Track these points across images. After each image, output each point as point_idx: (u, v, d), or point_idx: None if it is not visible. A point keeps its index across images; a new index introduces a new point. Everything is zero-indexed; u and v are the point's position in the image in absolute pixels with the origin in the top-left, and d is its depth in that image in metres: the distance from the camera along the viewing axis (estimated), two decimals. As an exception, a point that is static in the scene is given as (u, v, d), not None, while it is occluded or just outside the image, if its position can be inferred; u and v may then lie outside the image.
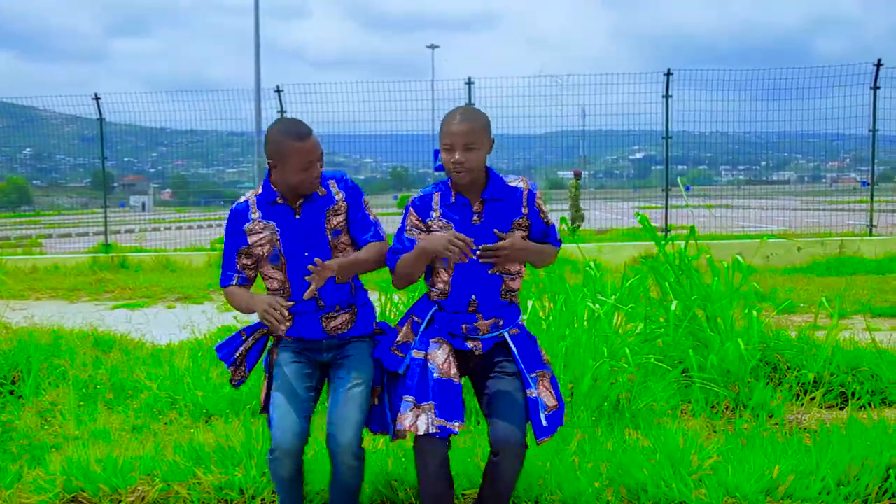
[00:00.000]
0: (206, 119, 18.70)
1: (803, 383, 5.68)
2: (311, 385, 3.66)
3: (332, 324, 3.69)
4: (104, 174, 18.59)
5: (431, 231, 3.58)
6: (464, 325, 3.63)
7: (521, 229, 3.63)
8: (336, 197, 3.65)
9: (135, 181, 31.08)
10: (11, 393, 5.92)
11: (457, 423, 3.41)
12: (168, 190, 29.18)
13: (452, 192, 3.57)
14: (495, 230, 3.54)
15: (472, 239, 3.40)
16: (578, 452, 4.43)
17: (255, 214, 3.63)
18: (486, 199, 3.57)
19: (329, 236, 3.63)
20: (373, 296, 6.12)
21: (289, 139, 3.47)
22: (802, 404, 5.49)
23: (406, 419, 3.43)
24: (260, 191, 3.64)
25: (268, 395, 3.73)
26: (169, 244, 18.97)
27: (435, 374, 3.49)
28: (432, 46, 57.22)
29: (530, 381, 3.58)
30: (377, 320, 3.88)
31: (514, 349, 3.63)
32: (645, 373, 5.47)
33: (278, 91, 17.25)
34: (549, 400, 3.61)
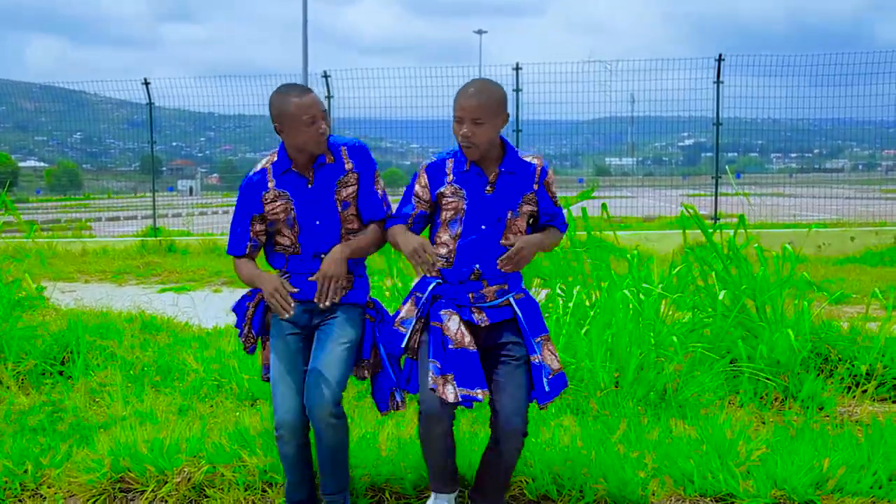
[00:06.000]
0: (254, 104, 18.83)
1: (855, 375, 5.58)
2: (306, 358, 3.68)
3: None
4: (153, 158, 18.75)
5: (444, 198, 3.60)
6: (470, 294, 3.63)
7: (530, 204, 3.64)
8: (346, 166, 3.68)
9: (183, 165, 31.36)
10: (61, 373, 6.01)
11: (479, 391, 3.45)
12: (215, 174, 29.39)
13: (467, 161, 3.57)
14: (502, 241, 3.58)
15: (437, 258, 3.50)
16: (624, 442, 4.40)
17: (271, 184, 3.66)
18: (502, 170, 3.57)
19: (339, 207, 3.66)
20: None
21: (289, 96, 3.51)
22: (854, 397, 5.39)
23: (438, 382, 3.44)
24: (275, 158, 3.66)
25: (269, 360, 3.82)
26: (216, 228, 19.14)
27: (451, 346, 3.50)
28: (480, 32, 57.06)
29: (535, 347, 3.63)
30: (371, 296, 3.89)
31: (520, 316, 3.65)
32: (692, 362, 5.41)
33: (325, 76, 17.27)
34: (554, 363, 3.66)
